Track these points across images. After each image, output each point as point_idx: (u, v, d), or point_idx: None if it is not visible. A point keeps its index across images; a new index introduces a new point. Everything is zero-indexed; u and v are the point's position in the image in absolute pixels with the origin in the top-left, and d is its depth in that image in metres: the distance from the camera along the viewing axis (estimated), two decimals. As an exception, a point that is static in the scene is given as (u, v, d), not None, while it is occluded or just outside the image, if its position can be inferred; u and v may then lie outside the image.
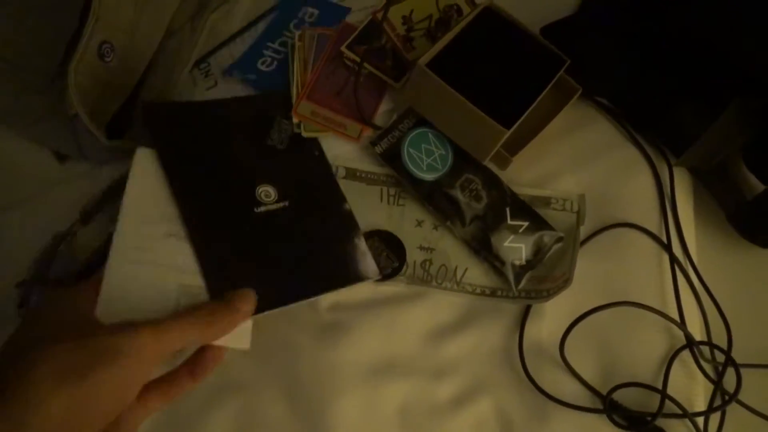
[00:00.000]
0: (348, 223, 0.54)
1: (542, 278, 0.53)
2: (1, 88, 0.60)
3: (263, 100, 0.59)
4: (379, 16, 0.60)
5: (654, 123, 0.59)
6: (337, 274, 0.51)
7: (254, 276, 0.48)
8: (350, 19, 0.64)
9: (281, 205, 0.52)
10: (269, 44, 0.64)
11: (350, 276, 0.52)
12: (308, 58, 0.60)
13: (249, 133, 0.56)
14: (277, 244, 0.51)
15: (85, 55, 0.54)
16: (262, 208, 0.52)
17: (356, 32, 0.60)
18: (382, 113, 0.60)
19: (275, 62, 0.63)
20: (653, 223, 0.55)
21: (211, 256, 0.48)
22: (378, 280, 0.53)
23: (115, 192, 0.57)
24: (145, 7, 0.58)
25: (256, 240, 0.50)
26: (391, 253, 0.54)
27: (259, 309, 0.47)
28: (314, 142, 0.58)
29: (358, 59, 0.59)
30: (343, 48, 0.60)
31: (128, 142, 0.58)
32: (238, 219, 0.51)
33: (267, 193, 0.52)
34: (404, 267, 0.54)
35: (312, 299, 0.51)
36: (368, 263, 0.53)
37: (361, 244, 0.53)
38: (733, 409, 0.49)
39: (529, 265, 0.53)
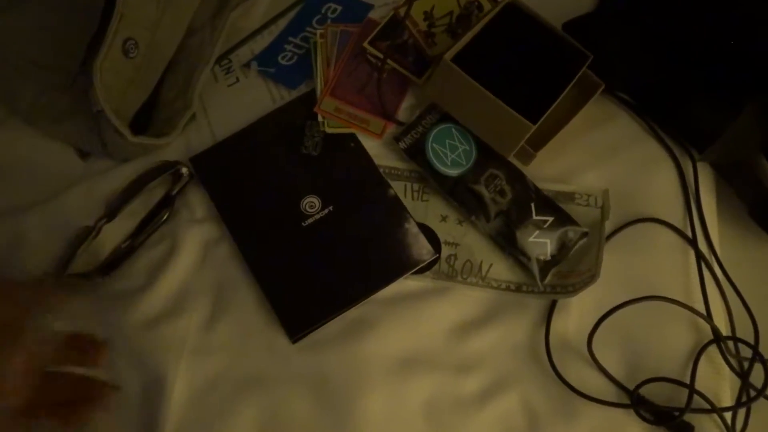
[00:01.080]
0: (395, 208, 0.55)
1: (567, 273, 0.53)
2: (24, 87, 0.61)
3: (289, 110, 0.60)
4: (401, 11, 0.61)
5: (676, 119, 0.59)
6: (394, 264, 0.53)
7: (313, 287, 0.53)
8: (373, 15, 0.64)
9: (326, 211, 0.55)
10: (291, 39, 0.64)
11: (407, 263, 0.53)
12: (331, 54, 0.60)
13: (284, 147, 0.58)
14: (329, 250, 0.53)
15: (111, 51, 0.54)
16: (309, 221, 0.54)
17: (378, 28, 0.61)
18: (405, 109, 0.60)
19: (296, 56, 0.63)
20: (677, 218, 0.55)
21: (269, 278, 0.53)
22: (413, 272, 0.53)
23: (138, 187, 0.57)
24: (168, 5, 0.58)
25: (310, 251, 0.54)
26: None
27: (323, 315, 0.51)
28: (347, 136, 0.58)
29: (380, 55, 0.59)
30: (365, 44, 0.60)
31: (152, 138, 0.58)
32: (289, 237, 0.54)
33: (311, 204, 0.55)
34: (450, 259, 0.54)
35: (374, 295, 0.53)
36: (422, 245, 0.53)
37: (412, 227, 0.54)
38: (760, 404, 0.49)
39: (554, 260, 0.53)
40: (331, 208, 0.55)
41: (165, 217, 0.57)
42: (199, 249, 0.56)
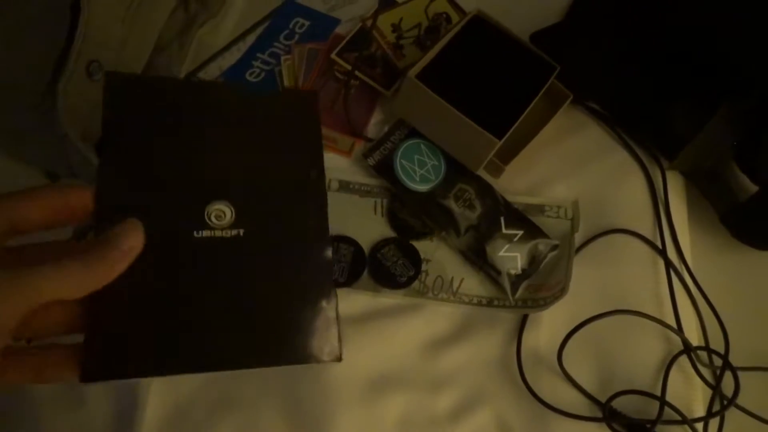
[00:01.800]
0: (323, 274, 0.39)
1: (538, 287, 0.53)
2: (-10, 108, 0.60)
3: (257, 100, 0.43)
4: (369, 23, 0.60)
5: (646, 127, 0.59)
6: (285, 345, 0.37)
7: (164, 321, 0.36)
8: (340, 30, 0.63)
9: (234, 233, 0.38)
10: (259, 55, 0.64)
11: (301, 352, 0.37)
12: (299, 73, 0.60)
13: (220, 126, 0.41)
14: (212, 285, 0.37)
15: (74, 74, 0.54)
16: (205, 233, 0.38)
17: (345, 39, 0.60)
18: (374, 125, 0.60)
19: (263, 73, 0.63)
20: (647, 228, 0.55)
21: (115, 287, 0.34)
22: (395, 287, 0.53)
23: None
24: (133, 24, 0.57)
25: (186, 275, 0.37)
26: (407, 261, 0.54)
27: (170, 368, 0.36)
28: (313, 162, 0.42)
29: (348, 67, 0.58)
30: (333, 55, 0.59)
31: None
32: (170, 242, 0.37)
33: (220, 214, 0.39)
34: (421, 275, 0.54)
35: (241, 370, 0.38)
36: (330, 339, 0.38)
37: (331, 311, 0.38)
38: (732, 413, 0.49)
39: (525, 274, 0.53)
40: (241, 231, 0.38)
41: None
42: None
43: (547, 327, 0.52)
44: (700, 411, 0.50)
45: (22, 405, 0.51)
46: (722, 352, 0.51)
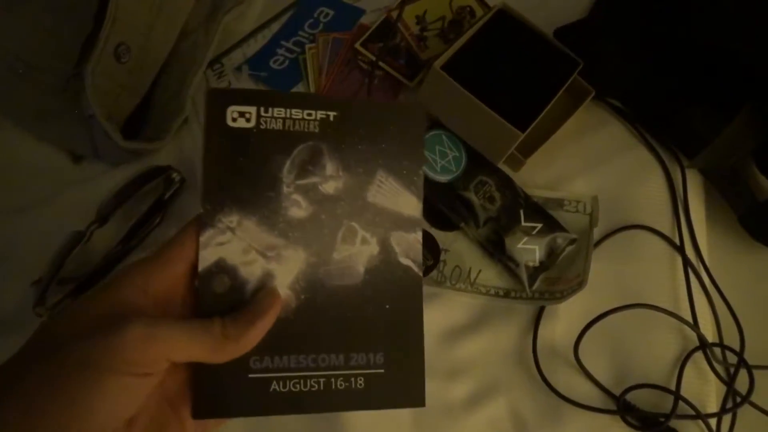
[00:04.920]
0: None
1: (556, 280, 0.53)
2: (18, 89, 0.61)
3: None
4: (394, 14, 0.61)
5: (666, 125, 0.59)
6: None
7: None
8: (365, 20, 0.64)
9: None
10: (283, 43, 0.64)
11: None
12: (323, 62, 0.60)
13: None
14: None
15: (102, 56, 0.54)
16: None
17: (370, 30, 0.61)
18: (396, 115, 0.60)
19: (287, 61, 0.63)
20: (666, 225, 0.56)
21: None
22: None
23: (129, 192, 0.57)
24: (161, 9, 0.58)
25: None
26: (425, 250, 0.54)
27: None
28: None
29: (372, 57, 0.59)
30: (357, 45, 0.60)
31: (143, 143, 0.59)
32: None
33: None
34: (440, 265, 0.54)
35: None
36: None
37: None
38: (745, 410, 0.50)
39: (543, 266, 0.54)
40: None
41: (157, 222, 0.57)
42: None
43: (563, 319, 0.53)
44: (713, 407, 0.50)
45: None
46: (738, 349, 0.51)
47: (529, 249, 0.54)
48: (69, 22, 0.59)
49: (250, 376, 0.33)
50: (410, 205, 0.36)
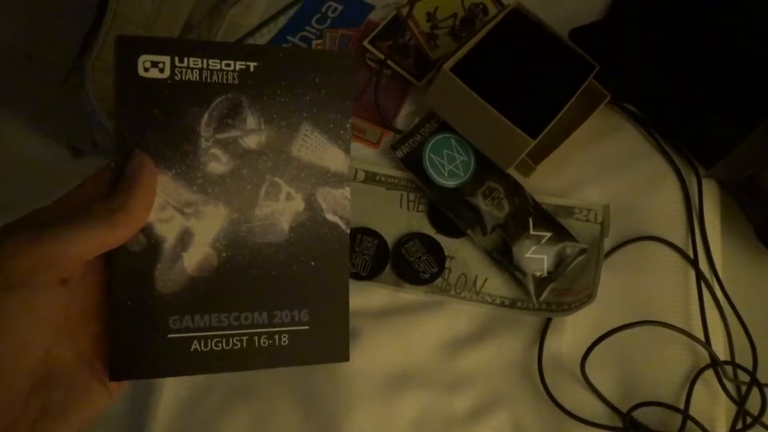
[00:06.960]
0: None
1: (564, 291, 0.52)
2: (17, 81, 0.59)
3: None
4: (404, 11, 0.59)
5: (683, 133, 0.57)
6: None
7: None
8: (373, 16, 0.62)
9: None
10: (289, 38, 0.62)
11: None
12: (329, 58, 0.58)
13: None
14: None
15: (103, 51, 0.53)
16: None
17: (379, 27, 0.59)
18: (404, 116, 0.58)
19: (294, 57, 0.61)
20: (679, 237, 0.54)
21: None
22: (418, 284, 0.52)
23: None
24: (163, 2, 0.56)
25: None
26: (431, 257, 0.53)
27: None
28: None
29: (381, 55, 0.57)
30: (365, 43, 0.58)
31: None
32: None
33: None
34: (444, 272, 0.53)
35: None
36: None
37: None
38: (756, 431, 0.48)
39: (551, 276, 0.52)
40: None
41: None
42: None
43: (570, 332, 0.51)
44: (722, 427, 0.49)
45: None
46: (750, 368, 0.49)
47: (537, 258, 0.52)
48: (70, 14, 0.58)
49: (170, 336, 0.33)
50: (337, 159, 0.35)
